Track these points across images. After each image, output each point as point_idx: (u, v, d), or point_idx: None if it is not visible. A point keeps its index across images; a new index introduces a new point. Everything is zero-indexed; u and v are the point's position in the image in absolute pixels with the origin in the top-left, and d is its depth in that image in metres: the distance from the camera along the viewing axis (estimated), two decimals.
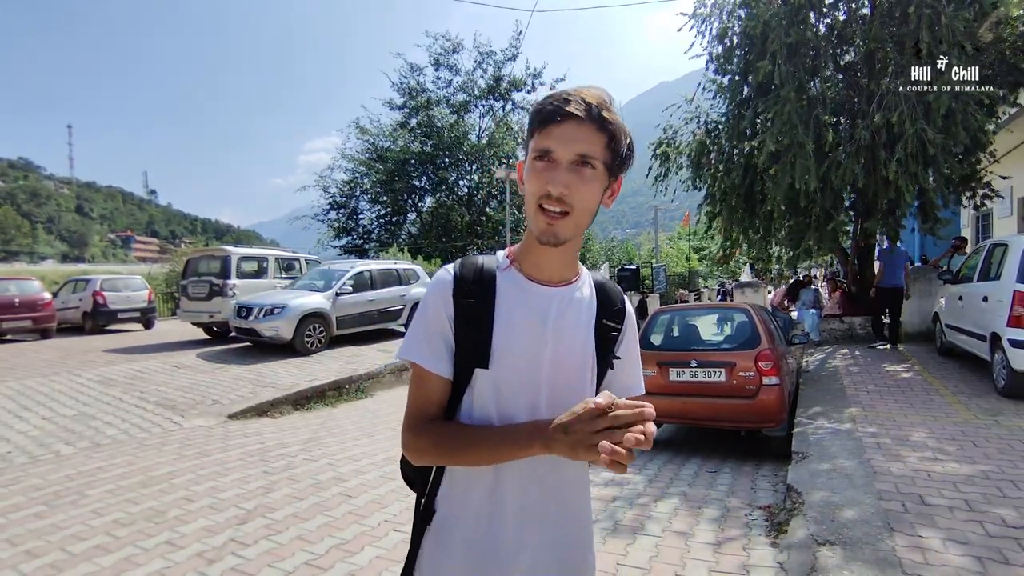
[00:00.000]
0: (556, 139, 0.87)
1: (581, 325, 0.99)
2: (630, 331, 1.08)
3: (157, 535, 3.36)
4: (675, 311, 6.44)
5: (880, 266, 8.90)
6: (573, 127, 0.87)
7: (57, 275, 34.27)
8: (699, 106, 10.06)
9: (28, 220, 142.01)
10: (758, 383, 4.97)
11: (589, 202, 0.91)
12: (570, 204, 0.88)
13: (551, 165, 0.88)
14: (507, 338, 0.93)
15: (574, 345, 0.97)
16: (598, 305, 1.03)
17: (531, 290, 0.97)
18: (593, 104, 0.88)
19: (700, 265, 38.39)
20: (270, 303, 9.13)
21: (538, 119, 0.89)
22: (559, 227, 0.89)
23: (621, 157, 0.93)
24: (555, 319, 0.96)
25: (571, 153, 0.87)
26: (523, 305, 0.96)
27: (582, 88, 0.91)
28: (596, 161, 0.89)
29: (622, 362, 1.06)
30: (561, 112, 0.87)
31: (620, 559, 3.08)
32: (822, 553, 2.78)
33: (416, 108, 23.73)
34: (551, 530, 0.98)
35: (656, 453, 5.37)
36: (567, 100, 0.87)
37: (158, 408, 6.42)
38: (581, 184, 0.88)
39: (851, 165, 7.40)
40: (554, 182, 0.87)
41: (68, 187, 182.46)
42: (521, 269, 0.99)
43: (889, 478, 3.58)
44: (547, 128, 0.88)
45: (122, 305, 13.22)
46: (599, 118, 0.88)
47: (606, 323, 1.03)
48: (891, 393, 5.76)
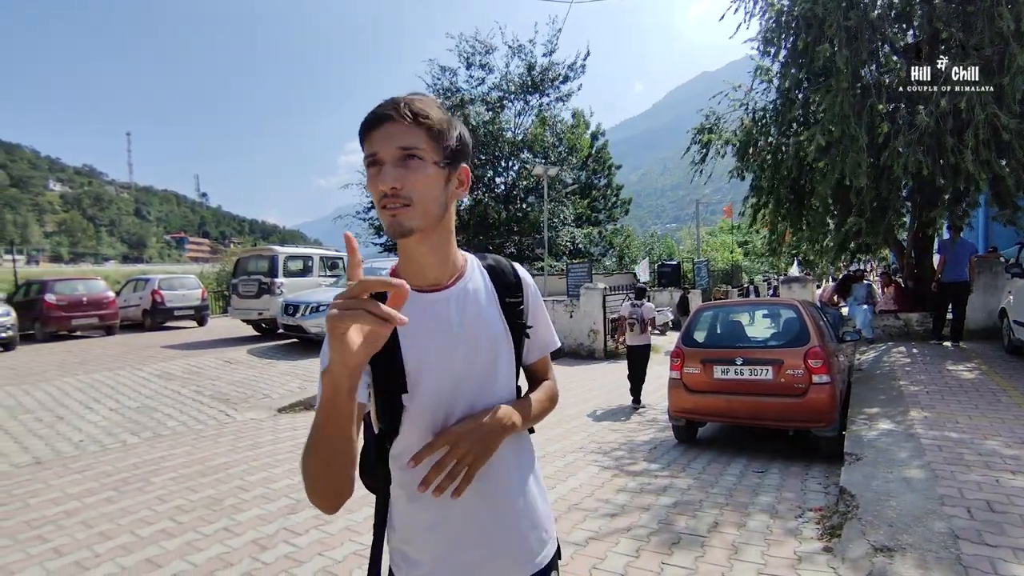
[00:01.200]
0: (377, 141, 0.89)
1: (485, 312, 1.02)
2: (532, 298, 1.12)
3: (215, 522, 3.53)
4: (719, 307, 6.28)
5: (941, 259, 8.38)
6: (389, 127, 0.89)
7: (119, 275, 36.37)
8: (747, 93, 9.73)
9: (93, 223, 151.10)
10: (808, 381, 4.79)
11: (429, 189, 0.91)
12: (408, 196, 0.89)
13: (379, 168, 0.89)
14: (417, 357, 0.94)
15: (483, 335, 1.00)
16: (495, 286, 1.06)
17: (424, 300, 0.97)
18: (403, 103, 0.90)
19: (746, 260, 37.29)
20: (316, 300, 9.42)
21: (361, 131, 0.92)
22: (401, 216, 0.90)
23: (450, 147, 0.94)
24: (458, 319, 0.98)
25: (392, 149, 0.89)
26: (423, 318, 0.95)
27: (403, 96, 0.93)
28: (421, 151, 0.90)
29: (534, 328, 1.11)
30: (376, 117, 0.90)
31: (665, 559, 3.04)
32: (879, 559, 2.67)
33: (451, 109, 23.90)
34: (496, 514, 0.99)
35: (700, 452, 5.26)
36: (380, 106, 0.91)
37: (213, 401, 6.73)
38: (411, 174, 0.89)
39: (913, 153, 7.01)
40: (384, 179, 0.88)
41: (128, 191, 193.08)
42: (408, 282, 0.95)
43: (952, 483, 3.40)
44: (369, 135, 0.90)
45: (178, 303, 13.91)
46: (411, 113, 0.89)
47: (509, 301, 1.06)
48: (953, 394, 5.45)
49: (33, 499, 3.95)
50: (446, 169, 0.94)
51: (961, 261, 8.16)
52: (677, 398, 5.41)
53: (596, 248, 28.72)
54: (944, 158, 7.04)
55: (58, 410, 6.29)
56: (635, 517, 3.65)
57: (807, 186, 8.68)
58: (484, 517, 0.98)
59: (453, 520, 0.96)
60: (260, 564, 3.00)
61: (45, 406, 6.44)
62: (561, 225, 23.47)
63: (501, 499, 1.00)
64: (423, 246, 0.96)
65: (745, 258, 37.78)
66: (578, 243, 24.86)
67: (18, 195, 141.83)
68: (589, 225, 27.49)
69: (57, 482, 4.29)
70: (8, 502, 3.90)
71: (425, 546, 0.97)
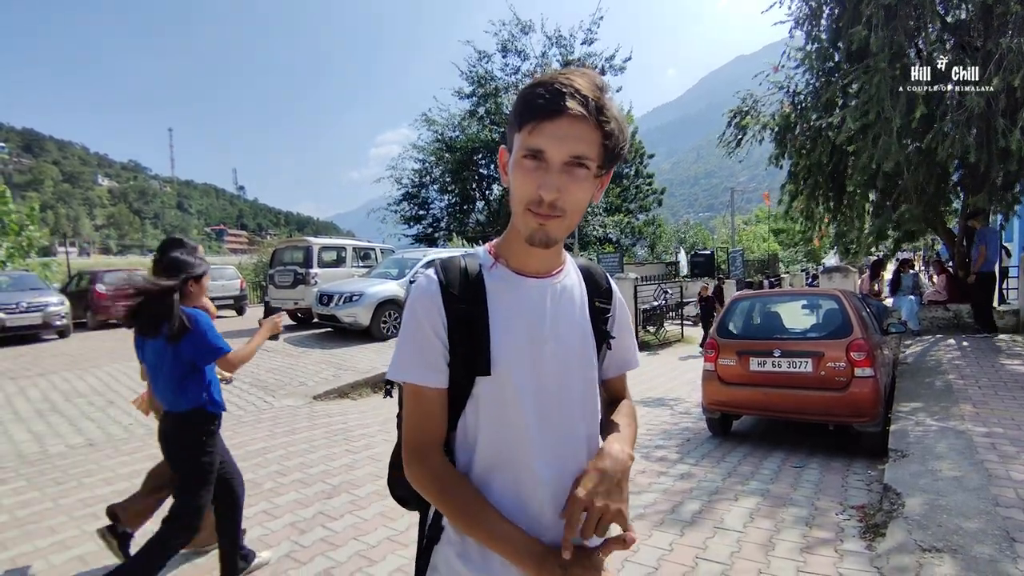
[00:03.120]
0: (549, 138, 0.79)
1: (576, 312, 0.97)
2: (619, 308, 1.07)
3: (256, 504, 3.65)
4: (756, 298, 6.11)
5: (983, 248, 7.97)
6: (567, 125, 0.78)
7: None
8: (787, 75, 9.36)
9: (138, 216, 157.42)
10: (849, 375, 4.62)
11: (581, 203, 0.85)
12: (563, 208, 0.82)
13: (542, 166, 0.80)
14: (507, 340, 0.89)
15: (573, 334, 0.95)
16: (587, 287, 1.01)
17: (523, 285, 0.92)
18: (590, 97, 0.79)
19: (781, 249, 36.21)
20: (349, 291, 9.59)
21: (528, 113, 0.80)
22: (551, 228, 0.83)
23: (617, 155, 0.85)
24: (552, 312, 0.93)
25: (564, 154, 0.79)
26: (518, 302, 0.91)
27: (573, 73, 0.81)
28: (591, 162, 0.81)
29: (617, 340, 1.05)
30: (554, 107, 0.78)
31: (699, 552, 2.99)
32: (927, 560, 2.56)
33: (485, 96, 23.85)
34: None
35: (735, 446, 5.15)
36: (560, 93, 0.78)
37: (252, 388, 6.95)
38: (573, 185, 0.81)
39: (960, 135, 6.63)
40: (547, 187, 0.79)
41: (170, 185, 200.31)
42: (508, 264, 0.93)
43: (1007, 483, 3.23)
44: (539, 125, 0.79)
45: (218, 293, 14.41)
46: (596, 112, 0.79)
47: (598, 304, 1.01)
48: (1008, 389, 5.17)
49: (87, 479, 4.16)
50: (600, 177, 0.87)
51: (995, 250, 7.87)
52: (711, 390, 5.30)
53: (627, 239, 28.35)
54: (995, 141, 6.63)
55: (108, 395, 6.60)
56: (667, 510, 3.60)
57: (845, 171, 8.32)
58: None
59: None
60: (299, 547, 3.09)
61: (97, 391, 6.76)
62: (592, 215, 23.24)
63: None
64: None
65: (781, 248, 36.68)
66: (609, 232, 24.58)
67: (70, 190, 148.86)
68: (620, 214, 27.11)
69: (109, 463, 4.51)
70: (65, 481, 4.12)
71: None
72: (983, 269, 7.91)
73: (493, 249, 0.97)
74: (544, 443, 0.90)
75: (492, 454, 0.89)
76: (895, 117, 6.62)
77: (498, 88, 23.84)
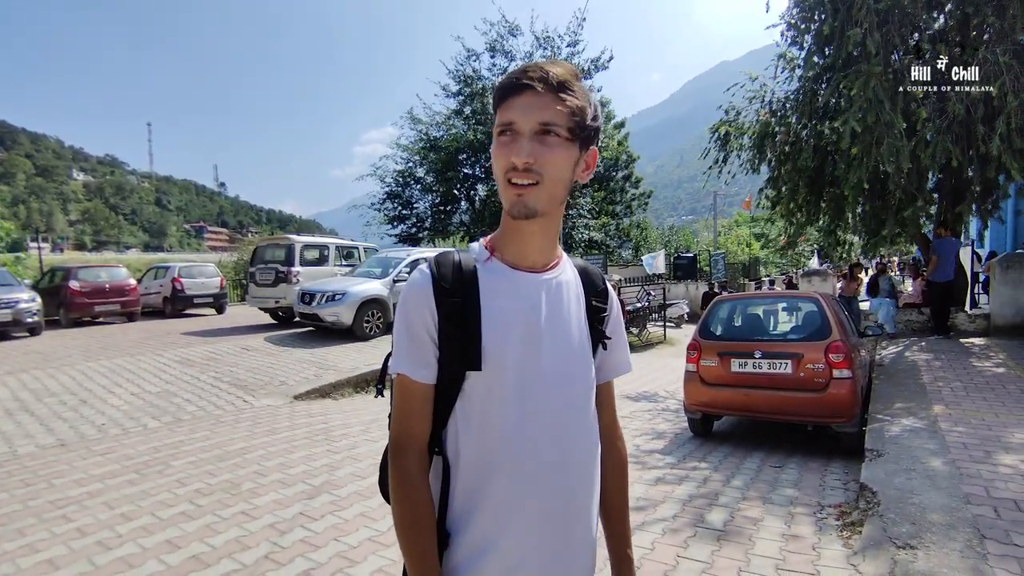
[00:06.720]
0: (516, 110, 0.85)
1: (573, 309, 0.96)
2: (615, 310, 1.07)
3: (234, 505, 3.58)
4: (737, 300, 6.19)
5: (935, 258, 8.28)
6: (532, 97, 0.85)
7: (140, 263, 37.05)
8: (764, 84, 9.52)
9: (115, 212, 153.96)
10: (828, 376, 4.71)
11: (559, 170, 0.87)
12: (539, 173, 0.85)
13: (514, 137, 0.85)
14: (499, 334, 0.88)
15: (570, 331, 0.94)
16: (584, 287, 1.01)
17: (517, 279, 0.92)
18: (551, 73, 0.85)
19: (762, 253, 36.76)
20: (331, 290, 9.48)
21: (499, 94, 0.88)
22: (529, 196, 0.86)
23: (587, 127, 0.89)
24: (547, 307, 0.92)
25: (532, 122, 0.84)
26: (511, 296, 0.90)
27: (546, 61, 0.88)
28: (559, 128, 0.85)
29: (612, 341, 1.05)
30: (519, 84, 0.85)
31: (680, 552, 3.01)
32: (901, 556, 2.61)
33: (471, 96, 23.79)
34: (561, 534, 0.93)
35: (716, 445, 5.21)
36: (525, 71, 0.86)
37: (231, 387, 6.83)
38: (546, 151, 0.85)
39: (942, 142, 6.79)
40: (518, 152, 0.84)
41: (148, 181, 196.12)
42: (503, 258, 0.94)
43: (979, 481, 3.32)
44: (507, 101, 0.86)
45: (197, 291, 14.14)
46: (558, 87, 0.85)
47: (595, 304, 1.01)
48: (979, 390, 5.32)
49: (58, 480, 4.05)
50: (578, 150, 0.90)
51: (948, 260, 8.14)
52: (693, 391, 5.36)
53: (612, 240, 28.49)
54: (974, 147, 6.82)
55: (82, 394, 6.43)
56: (649, 510, 3.62)
57: (828, 176, 8.48)
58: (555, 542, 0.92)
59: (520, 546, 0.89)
60: (278, 548, 3.04)
61: (69, 390, 6.58)
62: (577, 217, 23.31)
63: (574, 523, 0.96)
64: (535, 225, 0.90)
65: (763, 251, 37.24)
66: (594, 236, 24.67)
67: (43, 184, 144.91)
68: (605, 216, 27.25)
69: (81, 464, 4.39)
70: (34, 482, 4.00)
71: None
72: (935, 279, 8.23)
73: (488, 243, 0.97)
74: (537, 441, 0.89)
75: (484, 451, 0.88)
76: (897, 120, 6.76)
77: (484, 88, 23.80)
